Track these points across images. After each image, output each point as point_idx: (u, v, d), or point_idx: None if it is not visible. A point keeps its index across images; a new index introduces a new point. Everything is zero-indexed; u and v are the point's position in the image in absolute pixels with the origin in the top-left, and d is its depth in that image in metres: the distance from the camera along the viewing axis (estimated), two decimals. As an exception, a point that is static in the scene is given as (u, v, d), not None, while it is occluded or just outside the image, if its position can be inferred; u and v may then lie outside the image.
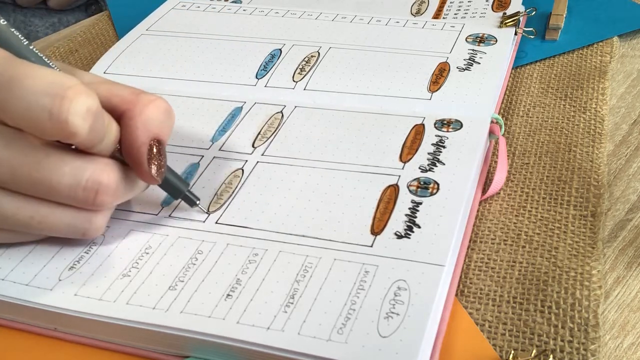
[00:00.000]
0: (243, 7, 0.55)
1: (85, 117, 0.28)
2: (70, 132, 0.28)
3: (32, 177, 0.30)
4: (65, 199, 0.31)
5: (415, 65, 0.46)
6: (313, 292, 0.30)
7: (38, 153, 0.30)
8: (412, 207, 0.34)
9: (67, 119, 0.28)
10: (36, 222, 0.31)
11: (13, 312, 0.32)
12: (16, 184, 0.30)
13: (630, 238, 0.37)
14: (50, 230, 0.32)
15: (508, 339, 0.31)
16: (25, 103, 0.28)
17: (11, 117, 0.29)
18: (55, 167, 0.30)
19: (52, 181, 0.30)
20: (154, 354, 0.31)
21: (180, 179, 0.35)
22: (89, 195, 0.31)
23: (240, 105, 0.44)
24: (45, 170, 0.30)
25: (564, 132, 0.43)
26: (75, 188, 0.30)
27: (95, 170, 0.30)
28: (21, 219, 0.31)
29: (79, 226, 0.32)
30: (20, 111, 0.28)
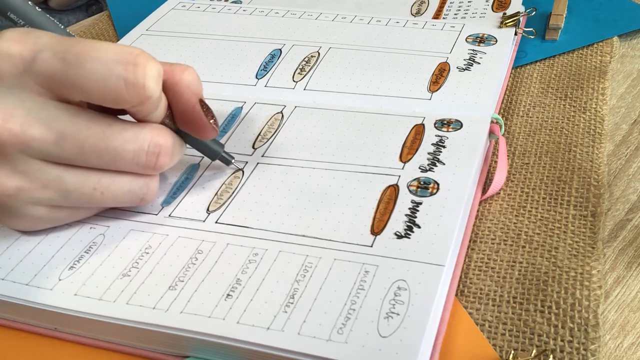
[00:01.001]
0: (243, 7, 0.55)
1: (158, 81, 0.31)
2: (147, 96, 0.31)
3: (99, 147, 0.31)
4: (129, 164, 0.32)
5: (415, 65, 0.46)
6: (313, 292, 0.30)
7: (101, 124, 0.31)
8: (412, 207, 0.34)
9: (144, 83, 0.30)
10: (99, 193, 0.33)
11: (13, 311, 0.32)
12: (85, 156, 0.31)
13: (630, 238, 0.37)
14: (112, 199, 0.33)
15: (508, 339, 0.31)
16: (99, 75, 0.30)
17: (86, 91, 0.30)
18: (120, 135, 0.32)
19: (117, 149, 0.32)
20: (154, 354, 0.31)
21: (216, 141, 0.38)
22: (151, 159, 0.33)
23: (241, 105, 0.44)
24: (110, 139, 0.31)
25: (564, 132, 0.43)
26: (139, 153, 0.32)
27: (154, 133, 0.33)
28: (85, 191, 0.32)
29: (138, 192, 0.34)
30: (95, 83, 0.30)
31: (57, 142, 0.31)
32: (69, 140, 0.31)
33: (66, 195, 0.32)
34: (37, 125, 0.30)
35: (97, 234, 0.35)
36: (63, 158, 0.31)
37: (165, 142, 0.33)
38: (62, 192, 0.32)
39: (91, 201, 0.33)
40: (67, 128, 0.31)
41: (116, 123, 0.32)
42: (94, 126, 0.31)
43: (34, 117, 0.30)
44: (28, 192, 0.31)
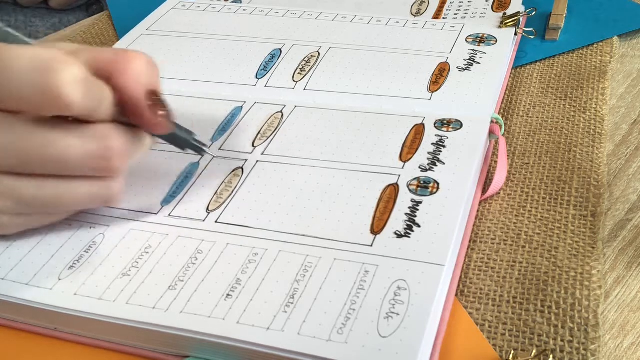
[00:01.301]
0: (243, 7, 0.55)
1: (77, 86, 0.28)
2: (65, 103, 0.28)
3: (41, 156, 0.30)
4: (79, 171, 0.31)
5: (415, 65, 0.46)
6: (313, 292, 0.30)
7: (42, 131, 0.30)
8: (412, 207, 0.34)
9: (59, 91, 0.28)
10: (58, 200, 0.31)
11: (13, 311, 0.32)
12: (28, 166, 0.30)
13: (630, 238, 0.37)
14: (74, 204, 0.32)
15: (508, 339, 0.31)
16: (15, 84, 0.28)
17: (6, 101, 0.29)
18: (62, 141, 0.30)
19: (62, 156, 0.30)
20: (154, 354, 0.31)
21: (184, 129, 0.35)
22: (101, 163, 0.31)
23: (241, 105, 0.44)
24: (52, 147, 0.30)
25: (564, 132, 0.43)
26: (87, 158, 0.30)
27: (102, 135, 0.31)
28: (43, 199, 0.31)
29: (101, 194, 0.32)
30: (12, 93, 0.28)
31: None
32: (9, 150, 0.30)
33: (25, 203, 0.31)
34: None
35: (97, 233, 0.35)
36: (10, 168, 0.30)
37: (116, 144, 0.31)
38: (20, 201, 0.31)
39: (53, 207, 0.32)
40: (6, 139, 0.29)
41: (59, 128, 0.30)
42: (34, 134, 0.30)
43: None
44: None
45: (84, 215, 0.36)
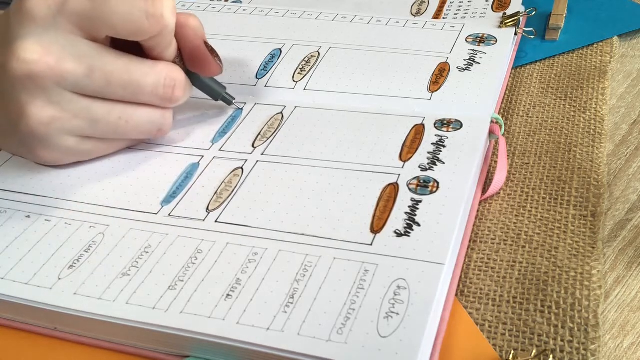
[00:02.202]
0: (243, 7, 0.55)
1: (173, 12, 0.36)
2: (165, 26, 0.35)
3: (123, 79, 0.36)
4: (149, 96, 0.37)
5: (415, 65, 0.46)
6: (313, 291, 0.30)
7: (124, 59, 0.36)
8: (412, 206, 0.34)
9: (162, 14, 0.35)
10: (123, 122, 0.37)
11: (13, 311, 0.32)
12: (111, 87, 0.36)
13: (630, 238, 0.37)
14: (135, 128, 0.38)
15: (508, 339, 0.31)
16: (124, 9, 0.34)
17: (112, 25, 0.35)
18: (140, 69, 0.36)
19: (139, 81, 0.36)
20: (154, 353, 0.31)
21: (218, 83, 0.42)
22: (168, 91, 0.37)
23: (241, 106, 0.44)
24: (132, 73, 0.36)
25: (564, 132, 0.43)
26: (157, 85, 0.37)
27: (169, 69, 0.38)
28: (111, 120, 0.37)
29: (157, 122, 0.38)
30: (120, 17, 0.34)
31: (87, 74, 0.35)
32: (97, 73, 0.35)
33: (94, 124, 0.36)
34: (70, 59, 0.34)
35: (97, 233, 0.35)
36: (92, 90, 0.35)
37: (179, 76, 0.38)
38: (91, 122, 0.36)
39: (117, 130, 0.37)
40: (96, 62, 0.35)
41: (137, 59, 0.37)
42: (119, 61, 0.36)
43: (67, 53, 0.34)
44: (61, 122, 0.35)
45: (84, 214, 0.36)
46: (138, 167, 0.39)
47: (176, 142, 0.41)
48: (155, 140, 0.41)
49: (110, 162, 0.39)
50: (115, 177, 0.38)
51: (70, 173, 0.39)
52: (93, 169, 0.39)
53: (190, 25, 0.39)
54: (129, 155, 0.40)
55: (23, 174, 0.39)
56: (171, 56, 0.38)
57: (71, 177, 0.38)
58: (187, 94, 0.39)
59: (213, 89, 0.42)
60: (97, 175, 0.39)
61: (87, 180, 0.38)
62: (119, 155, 0.40)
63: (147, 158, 0.40)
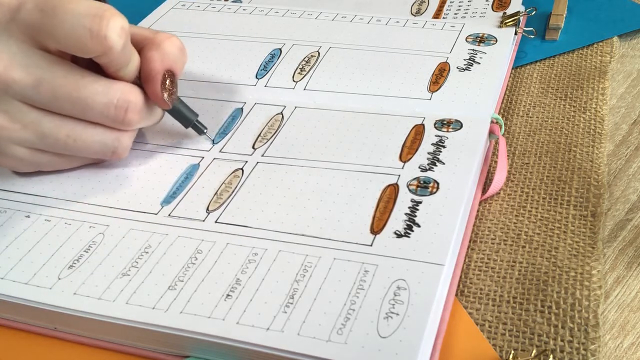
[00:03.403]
0: (243, 6, 0.55)
1: (120, 34, 0.33)
2: (108, 47, 0.33)
3: (71, 95, 0.34)
4: (98, 116, 0.35)
5: (415, 65, 0.46)
6: (313, 292, 0.30)
7: (76, 75, 0.34)
8: (411, 206, 0.34)
9: (106, 34, 0.33)
10: (72, 141, 0.36)
11: (13, 311, 0.32)
12: (58, 102, 0.34)
13: (630, 238, 0.37)
14: (85, 148, 0.36)
15: (508, 339, 0.31)
16: (69, 24, 0.32)
17: (57, 39, 0.33)
18: (91, 86, 0.35)
19: (88, 99, 0.34)
20: (154, 354, 0.31)
21: (190, 110, 0.40)
22: (120, 113, 0.35)
23: (241, 106, 0.44)
24: (82, 90, 0.34)
25: (564, 132, 0.43)
26: (109, 105, 0.35)
27: (124, 90, 0.35)
28: (59, 137, 0.35)
29: (110, 144, 0.37)
30: (65, 32, 0.33)
31: (34, 86, 0.34)
32: (44, 85, 0.34)
33: (43, 138, 0.35)
34: (18, 69, 0.33)
35: (97, 233, 0.35)
36: (40, 102, 0.34)
37: (135, 99, 0.36)
38: (39, 135, 0.35)
39: (65, 148, 0.36)
40: (44, 74, 0.34)
41: (90, 76, 0.35)
42: (69, 76, 0.34)
43: (16, 62, 0.33)
44: (9, 131, 0.35)
45: (84, 214, 0.36)
46: (138, 168, 0.39)
47: (176, 142, 0.41)
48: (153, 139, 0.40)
49: (110, 162, 0.39)
50: (115, 177, 0.38)
51: (70, 173, 0.39)
52: (93, 169, 0.39)
53: (160, 49, 0.36)
54: (129, 155, 0.40)
55: (23, 174, 0.39)
56: (130, 76, 0.36)
57: (71, 177, 0.38)
58: (148, 116, 0.37)
59: (183, 116, 0.40)
60: (97, 175, 0.39)
61: (87, 180, 0.38)
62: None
63: (147, 158, 0.40)
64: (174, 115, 0.39)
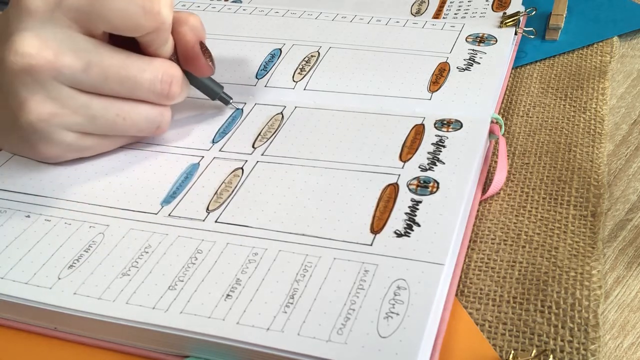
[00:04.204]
0: (243, 6, 0.55)
1: (170, 9, 0.36)
2: (162, 22, 0.35)
3: (120, 75, 0.36)
4: (146, 92, 0.37)
5: (415, 65, 0.46)
6: (313, 291, 0.30)
7: (121, 55, 0.36)
8: (411, 206, 0.34)
9: (159, 10, 0.35)
10: (121, 119, 0.37)
11: (13, 311, 0.32)
12: (108, 83, 0.36)
13: (630, 238, 0.37)
14: (133, 125, 0.38)
15: (508, 339, 0.31)
16: (121, 5, 0.34)
17: (108, 20, 0.35)
18: (137, 65, 0.36)
19: (136, 77, 0.36)
20: (154, 354, 0.31)
21: (216, 82, 0.42)
22: (165, 87, 0.37)
23: (241, 106, 0.44)
24: (129, 68, 0.36)
25: (564, 132, 0.43)
26: (154, 81, 0.37)
27: (166, 66, 0.38)
28: (109, 117, 0.37)
29: (155, 120, 0.38)
30: (117, 13, 0.34)
31: (84, 69, 0.35)
32: (94, 68, 0.35)
33: (93, 120, 0.36)
34: (68, 54, 0.34)
35: (97, 233, 0.35)
36: (90, 85, 0.36)
37: (177, 73, 0.38)
38: (90, 118, 0.36)
39: (115, 127, 0.37)
40: (93, 57, 0.35)
41: (134, 55, 0.37)
42: (116, 57, 0.36)
43: (65, 48, 0.34)
44: (60, 117, 0.35)
45: (84, 214, 0.36)
46: (138, 167, 0.39)
47: (176, 142, 0.41)
48: (153, 139, 0.41)
49: (111, 162, 0.39)
50: (115, 177, 0.38)
51: (70, 173, 0.39)
52: (93, 169, 0.39)
53: (189, 24, 0.39)
54: (129, 155, 0.40)
55: (23, 174, 0.39)
56: (168, 53, 0.38)
57: (71, 177, 0.38)
58: (184, 91, 0.39)
59: (210, 88, 0.42)
60: (97, 175, 0.39)
61: (87, 180, 0.38)
62: (119, 155, 0.40)
63: (148, 158, 0.40)
64: (201, 88, 0.42)
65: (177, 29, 0.39)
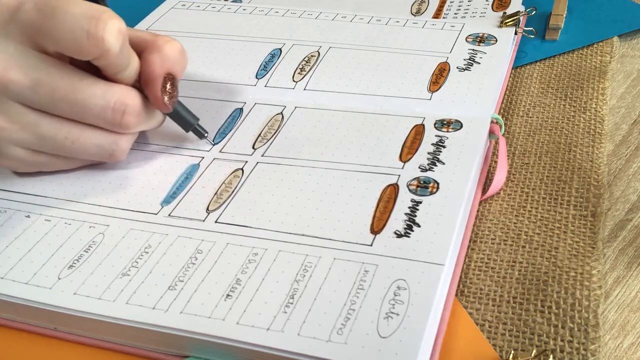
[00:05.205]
0: (243, 6, 0.55)
1: (117, 37, 0.33)
2: (105, 49, 0.33)
3: (68, 97, 0.34)
4: (96, 119, 0.35)
5: (415, 65, 0.46)
6: (313, 292, 0.30)
7: (73, 77, 0.34)
8: (411, 206, 0.34)
9: (103, 36, 0.33)
10: (70, 142, 0.36)
11: (12, 311, 0.32)
12: (56, 104, 0.34)
13: (630, 238, 0.37)
14: (82, 150, 0.36)
15: (508, 339, 0.31)
16: (68, 26, 0.32)
17: (55, 40, 0.33)
18: (88, 89, 0.34)
19: (85, 101, 0.34)
20: (154, 354, 0.31)
21: (191, 114, 0.40)
22: (116, 116, 0.35)
23: (241, 106, 0.44)
24: (79, 92, 0.34)
25: (564, 132, 0.43)
26: (105, 108, 0.35)
27: (122, 93, 0.35)
28: (58, 139, 0.35)
29: (107, 147, 0.37)
30: (63, 34, 0.33)
31: (32, 87, 0.33)
32: (43, 87, 0.34)
33: (41, 139, 0.35)
34: (16, 70, 0.33)
35: (97, 233, 0.35)
36: (38, 104, 0.34)
37: (132, 103, 0.35)
38: (38, 136, 0.35)
39: (63, 149, 0.36)
40: (42, 76, 0.34)
41: (88, 79, 0.35)
42: (67, 78, 0.34)
43: (14, 63, 0.33)
44: (8, 132, 0.34)
45: (84, 214, 0.36)
46: (138, 168, 0.39)
47: (176, 143, 0.41)
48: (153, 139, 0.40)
49: (110, 163, 0.39)
50: (115, 177, 0.38)
51: (70, 173, 0.39)
52: (93, 169, 0.39)
53: (161, 52, 0.36)
54: (129, 155, 0.40)
55: (23, 174, 0.39)
56: (129, 79, 0.36)
57: (71, 177, 0.38)
58: (147, 120, 0.37)
59: (183, 120, 0.39)
60: (97, 175, 0.39)
61: (87, 180, 0.38)
62: (119, 155, 0.40)
63: (148, 159, 0.40)
64: (174, 119, 0.39)
65: (145, 55, 0.36)
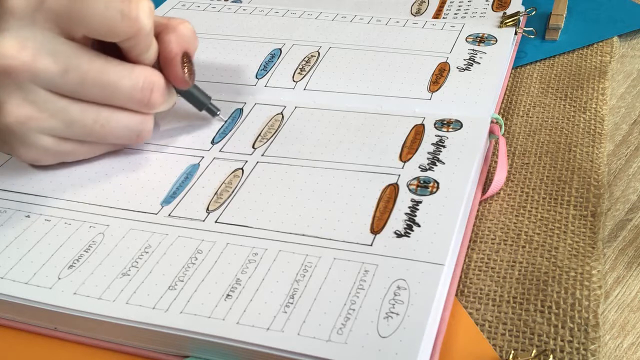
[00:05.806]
0: (243, 6, 0.55)
1: (150, 15, 0.35)
2: (139, 28, 0.34)
3: (98, 80, 0.35)
4: (125, 99, 0.36)
5: (415, 65, 0.46)
6: (313, 291, 0.30)
7: (101, 60, 0.35)
8: (411, 206, 0.34)
9: (137, 16, 0.34)
10: (99, 126, 0.36)
11: (12, 311, 0.32)
12: (86, 88, 0.35)
13: (630, 238, 0.37)
14: (111, 133, 0.37)
15: (508, 339, 0.31)
16: (99, 9, 0.33)
17: (87, 24, 0.34)
18: (117, 71, 0.35)
19: (115, 83, 0.35)
20: (154, 354, 0.31)
21: (203, 93, 0.41)
22: (145, 95, 0.36)
23: (241, 106, 0.44)
24: (108, 74, 0.35)
25: (564, 132, 0.43)
26: (134, 88, 0.36)
27: (147, 73, 0.36)
28: (86, 123, 0.36)
29: (135, 128, 0.37)
30: (95, 17, 0.33)
31: (61, 73, 0.34)
32: (72, 72, 0.34)
33: (70, 125, 0.36)
34: (46, 57, 0.33)
35: (97, 232, 0.35)
36: (67, 90, 0.35)
37: (158, 80, 0.37)
38: (67, 123, 0.35)
39: (92, 134, 0.37)
40: (72, 61, 0.34)
41: (115, 61, 0.36)
42: (95, 62, 0.35)
43: (43, 50, 0.33)
44: (37, 121, 0.35)
45: (84, 214, 0.36)
46: (138, 168, 0.39)
47: (176, 142, 0.41)
48: (153, 139, 0.40)
49: (110, 162, 0.39)
50: (115, 177, 0.38)
51: (70, 173, 0.39)
52: (93, 169, 0.39)
53: (176, 32, 0.38)
54: (129, 155, 0.40)
55: (23, 174, 0.39)
56: (150, 60, 0.37)
57: (71, 177, 0.38)
58: (168, 99, 0.38)
59: (197, 99, 0.41)
60: (97, 175, 0.39)
61: (87, 180, 0.38)
62: (119, 155, 0.40)
63: (147, 158, 0.40)
64: (188, 98, 0.41)
65: (162, 36, 0.38)
